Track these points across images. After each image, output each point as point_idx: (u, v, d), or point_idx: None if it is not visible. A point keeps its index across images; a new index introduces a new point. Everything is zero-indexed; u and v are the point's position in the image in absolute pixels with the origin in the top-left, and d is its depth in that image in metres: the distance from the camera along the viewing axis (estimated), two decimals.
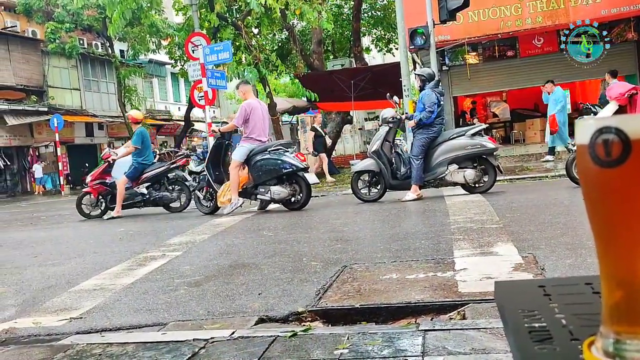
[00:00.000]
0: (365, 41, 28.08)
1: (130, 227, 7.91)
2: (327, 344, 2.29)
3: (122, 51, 29.54)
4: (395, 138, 8.44)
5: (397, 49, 19.46)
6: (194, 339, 2.47)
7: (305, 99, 18.04)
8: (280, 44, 25.00)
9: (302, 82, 17.47)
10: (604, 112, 7.61)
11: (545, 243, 4.13)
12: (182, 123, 28.46)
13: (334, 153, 19.62)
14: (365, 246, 4.77)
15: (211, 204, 8.35)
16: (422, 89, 8.07)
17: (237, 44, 15.70)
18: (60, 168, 24.18)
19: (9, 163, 25.68)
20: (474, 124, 20.01)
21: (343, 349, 2.21)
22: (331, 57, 25.62)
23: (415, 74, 8.27)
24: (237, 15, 16.57)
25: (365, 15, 25.67)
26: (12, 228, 9.54)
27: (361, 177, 8.34)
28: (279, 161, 7.78)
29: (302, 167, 7.84)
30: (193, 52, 12.68)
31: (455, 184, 7.93)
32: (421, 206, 7.34)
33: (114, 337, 2.67)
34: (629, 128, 0.48)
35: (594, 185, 0.51)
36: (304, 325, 2.77)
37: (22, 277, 4.63)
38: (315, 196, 9.51)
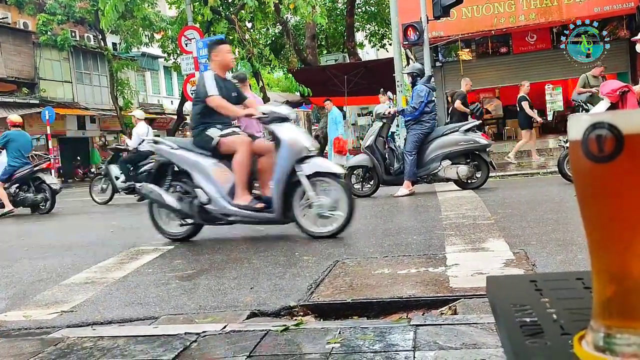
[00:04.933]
0: (359, 36, 28.07)
1: (122, 220, 7.88)
2: (319, 338, 2.30)
3: (114, 44, 29.36)
4: (393, 132, 8.45)
5: (390, 44, 19.44)
6: (185, 333, 2.46)
7: (298, 93, 18.02)
8: (273, 39, 24.94)
9: (295, 76, 17.45)
10: (596, 109, 7.66)
11: (537, 239, 4.15)
12: (175, 117, 28.34)
13: (326, 148, 19.61)
14: (357, 241, 4.78)
15: None
16: (413, 84, 8.11)
17: (231, 37, 15.65)
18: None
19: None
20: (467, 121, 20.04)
21: (334, 343, 2.21)
22: (325, 52, 25.59)
23: (405, 72, 8.31)
24: (231, 9, 16.52)
25: (359, 10, 25.64)
26: (2, 220, 9.48)
27: (355, 173, 8.35)
28: None
29: None
30: (186, 46, 12.63)
31: (448, 179, 7.96)
32: (414, 202, 7.36)
33: (105, 331, 2.66)
34: (622, 123, 0.48)
35: (586, 180, 0.51)
36: (295, 319, 2.77)
37: (12, 270, 4.61)
38: None
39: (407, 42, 12.11)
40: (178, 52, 19.33)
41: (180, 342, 2.35)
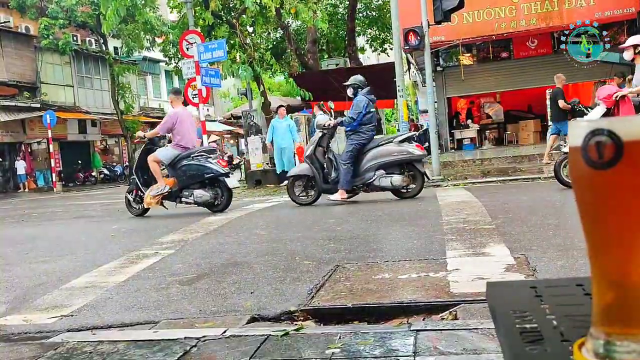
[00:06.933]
0: (360, 41, 28.11)
1: (123, 224, 7.88)
2: (319, 343, 2.29)
3: (116, 48, 29.45)
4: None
5: (391, 49, 19.47)
6: (185, 338, 2.46)
7: (299, 98, 18.03)
8: (275, 43, 25.00)
9: (296, 81, 17.46)
10: (593, 114, 7.70)
11: (537, 244, 4.15)
12: None
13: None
14: (358, 246, 4.77)
15: (140, 207, 8.64)
16: (355, 95, 8.27)
17: (232, 42, 15.69)
18: (52, 165, 24.05)
19: (0, 159, 25.51)
20: (468, 125, 20.04)
21: (335, 348, 2.21)
22: (326, 56, 25.64)
23: (346, 84, 8.53)
24: (232, 13, 16.55)
25: (360, 15, 25.71)
26: (3, 225, 9.48)
27: (297, 182, 8.51)
28: (202, 166, 8.17)
29: (223, 172, 8.24)
30: (187, 50, 12.65)
31: (383, 189, 8.09)
32: (414, 207, 7.35)
33: (105, 335, 2.66)
34: (621, 130, 0.48)
35: (586, 187, 0.51)
36: (296, 324, 2.76)
37: (12, 274, 4.61)
38: None
39: (408, 47, 12.12)
40: (179, 56, 19.35)
41: (180, 347, 2.35)
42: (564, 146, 7.55)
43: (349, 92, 8.39)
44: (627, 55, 7.77)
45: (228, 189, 8.25)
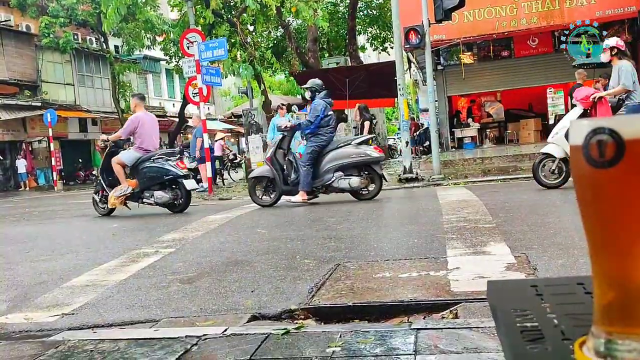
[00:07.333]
0: (361, 39, 28.10)
1: (124, 223, 7.89)
2: (320, 341, 2.29)
3: (116, 47, 29.44)
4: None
5: (392, 47, 19.47)
6: (186, 336, 2.46)
7: (300, 96, 18.02)
8: (275, 42, 24.97)
9: (297, 79, 17.47)
10: (570, 115, 7.73)
11: (538, 243, 4.15)
12: (177, 119, 28.37)
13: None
14: (358, 244, 4.77)
15: (106, 207, 8.91)
16: (312, 99, 8.39)
17: (233, 40, 15.70)
18: (53, 163, 24.06)
19: (1, 158, 25.52)
20: (469, 124, 20.01)
21: (335, 347, 2.21)
22: (326, 55, 25.62)
23: (304, 88, 8.67)
24: (233, 12, 16.55)
25: (361, 13, 25.68)
26: (4, 223, 9.49)
27: (258, 184, 8.62)
28: (162, 169, 8.49)
29: (182, 174, 8.49)
30: (188, 49, 12.63)
31: (342, 190, 8.20)
32: (415, 205, 7.36)
33: (106, 334, 2.66)
34: (623, 129, 0.48)
35: (587, 186, 0.51)
36: (296, 323, 2.77)
37: (13, 272, 4.61)
38: None
39: (408, 46, 12.10)
40: (180, 54, 19.36)
41: (181, 345, 2.35)
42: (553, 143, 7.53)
43: (307, 95, 8.65)
44: (604, 57, 7.81)
45: (187, 191, 8.56)
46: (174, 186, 8.55)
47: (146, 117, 8.83)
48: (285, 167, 8.38)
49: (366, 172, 8.12)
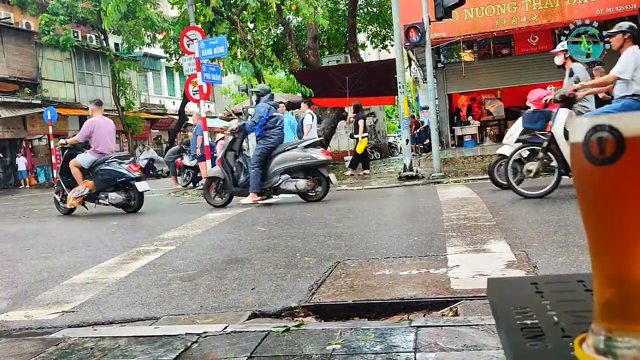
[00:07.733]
0: (361, 37, 28.04)
1: (124, 221, 7.89)
2: (320, 339, 2.30)
3: (116, 44, 29.40)
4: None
5: (392, 45, 19.45)
6: (186, 334, 2.46)
7: (300, 94, 18.01)
8: (275, 39, 24.93)
9: (297, 77, 17.44)
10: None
11: (538, 241, 4.15)
12: (177, 117, 28.37)
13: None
14: (358, 242, 4.77)
15: (66, 206, 9.22)
16: (257, 102, 8.62)
17: (233, 38, 15.67)
18: (53, 161, 24.02)
19: (1, 156, 25.51)
20: (469, 122, 19.99)
21: (335, 344, 2.21)
22: (326, 53, 25.58)
23: (252, 90, 8.91)
24: (233, 10, 16.53)
25: (361, 11, 25.63)
26: (4, 221, 9.49)
27: (211, 184, 8.76)
28: (115, 171, 8.87)
29: (134, 176, 8.84)
30: (188, 46, 12.61)
31: (289, 192, 8.35)
32: (415, 203, 7.36)
33: (106, 331, 2.66)
34: (623, 126, 0.48)
35: (587, 183, 0.51)
36: (296, 320, 2.77)
37: (14, 270, 4.61)
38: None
39: (408, 44, 12.10)
40: (180, 52, 19.35)
41: (182, 343, 2.35)
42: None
43: (253, 98, 8.86)
44: (558, 60, 7.74)
45: (140, 192, 8.89)
46: (127, 188, 8.95)
47: (102, 122, 9.20)
48: (235, 169, 8.55)
49: (312, 175, 8.28)
